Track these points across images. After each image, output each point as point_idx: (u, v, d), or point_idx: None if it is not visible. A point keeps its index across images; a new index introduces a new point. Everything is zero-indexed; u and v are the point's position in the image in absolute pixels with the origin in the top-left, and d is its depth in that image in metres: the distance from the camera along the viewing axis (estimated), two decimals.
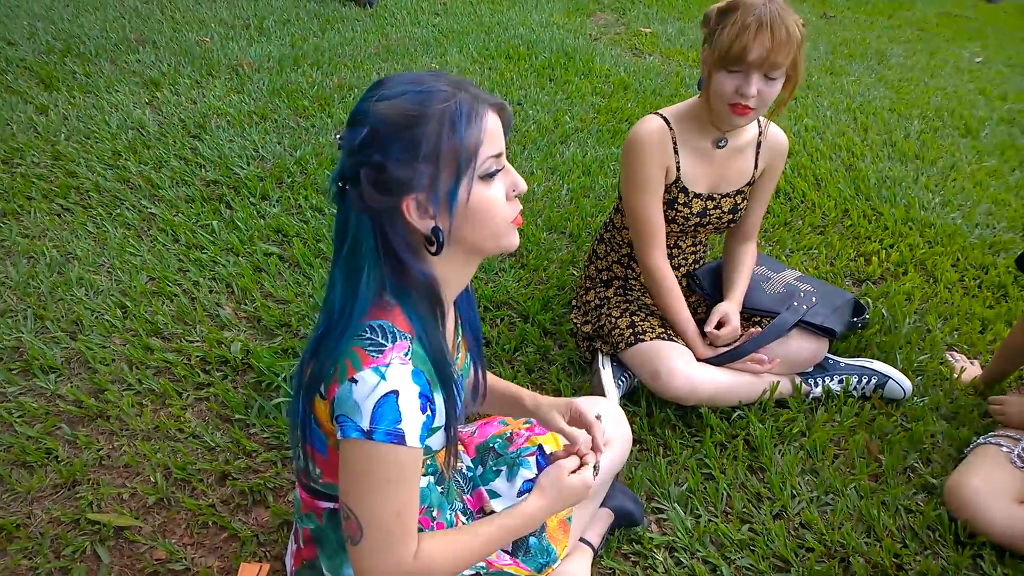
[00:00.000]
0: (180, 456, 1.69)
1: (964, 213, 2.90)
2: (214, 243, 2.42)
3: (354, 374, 0.90)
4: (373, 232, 0.93)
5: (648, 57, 4.56)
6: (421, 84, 0.90)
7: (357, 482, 0.93)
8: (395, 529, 0.95)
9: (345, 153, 0.91)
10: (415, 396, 0.91)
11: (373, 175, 0.89)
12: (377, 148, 0.88)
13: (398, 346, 0.92)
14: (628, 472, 1.71)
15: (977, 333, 2.25)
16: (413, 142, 0.88)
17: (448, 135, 0.89)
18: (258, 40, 4.16)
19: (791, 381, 1.91)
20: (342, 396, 0.91)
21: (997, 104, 4.29)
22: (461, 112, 0.89)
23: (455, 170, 0.90)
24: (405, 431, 0.90)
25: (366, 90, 0.93)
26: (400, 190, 0.90)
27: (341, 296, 0.96)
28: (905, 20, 6.36)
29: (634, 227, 1.83)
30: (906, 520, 1.64)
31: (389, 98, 0.89)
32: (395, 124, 0.88)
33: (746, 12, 1.54)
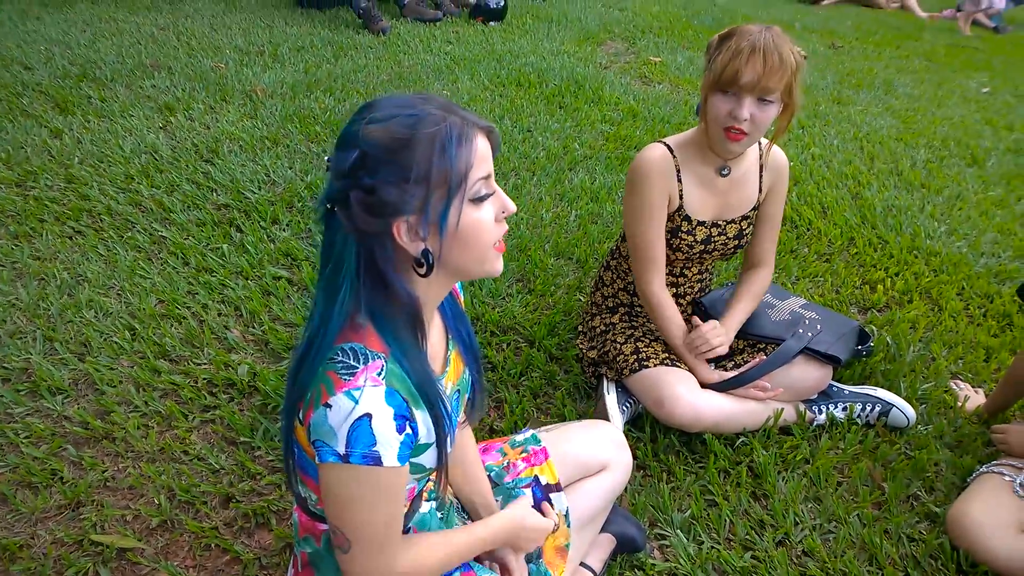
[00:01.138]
0: (184, 478, 1.70)
1: (970, 242, 2.90)
2: (224, 266, 2.45)
3: (328, 399, 0.90)
4: (357, 253, 0.93)
5: (657, 86, 4.62)
6: (411, 108, 0.91)
7: (341, 505, 0.94)
8: (382, 539, 0.97)
9: (334, 175, 0.92)
10: (390, 418, 0.91)
11: (364, 198, 0.89)
12: (368, 171, 0.89)
13: (370, 367, 0.92)
14: (631, 498, 1.71)
15: (982, 362, 2.24)
16: (404, 165, 0.89)
17: (439, 158, 0.89)
18: (272, 67, 4.24)
19: (795, 408, 1.90)
20: (317, 421, 0.91)
21: (1004, 134, 4.31)
22: (451, 136, 0.90)
23: (446, 192, 0.91)
24: (381, 453, 0.90)
25: (354, 113, 0.94)
26: (391, 213, 0.90)
27: (319, 316, 0.96)
28: (913, 50, 6.41)
29: (634, 254, 1.85)
30: (908, 549, 1.62)
31: (379, 121, 0.90)
32: (385, 148, 0.89)
33: (741, 38, 1.58)
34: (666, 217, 1.81)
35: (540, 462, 1.39)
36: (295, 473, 1.07)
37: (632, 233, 1.82)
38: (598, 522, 1.48)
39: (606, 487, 1.45)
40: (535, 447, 1.41)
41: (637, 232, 1.81)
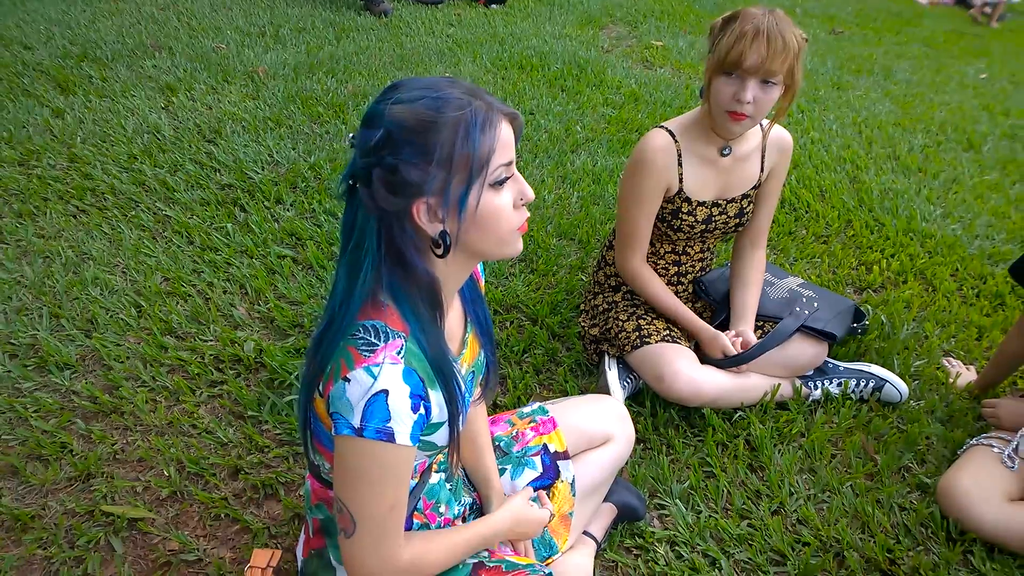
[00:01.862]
0: (193, 451, 1.74)
1: (964, 225, 2.94)
2: (228, 245, 2.47)
3: (347, 373, 0.92)
4: (379, 231, 0.95)
5: (659, 70, 4.62)
6: (438, 90, 0.92)
7: (350, 478, 0.96)
8: (387, 523, 0.99)
9: (358, 153, 0.93)
10: (405, 396, 0.93)
11: (385, 176, 0.91)
12: (391, 150, 0.90)
13: (391, 345, 0.94)
14: (632, 469, 1.75)
15: (974, 340, 2.29)
16: (427, 147, 0.90)
17: (462, 142, 0.91)
18: (274, 47, 4.24)
19: (792, 384, 1.94)
20: (336, 394, 0.93)
21: (1000, 119, 4.33)
22: (476, 120, 0.91)
23: (467, 176, 0.92)
24: (395, 429, 0.92)
25: (381, 92, 0.95)
26: (411, 192, 0.92)
27: (342, 292, 0.98)
28: (912, 37, 6.41)
29: (620, 233, 1.89)
30: (900, 517, 1.67)
31: (405, 102, 0.91)
32: (410, 128, 0.90)
33: (745, 21, 1.60)
34: (658, 205, 1.84)
35: (549, 431, 1.42)
36: (311, 441, 1.10)
37: (623, 215, 1.86)
38: (601, 492, 1.52)
39: (610, 458, 1.49)
40: (543, 417, 1.44)
41: (628, 215, 1.85)
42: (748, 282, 1.95)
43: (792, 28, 1.60)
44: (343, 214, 0.99)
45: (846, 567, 1.55)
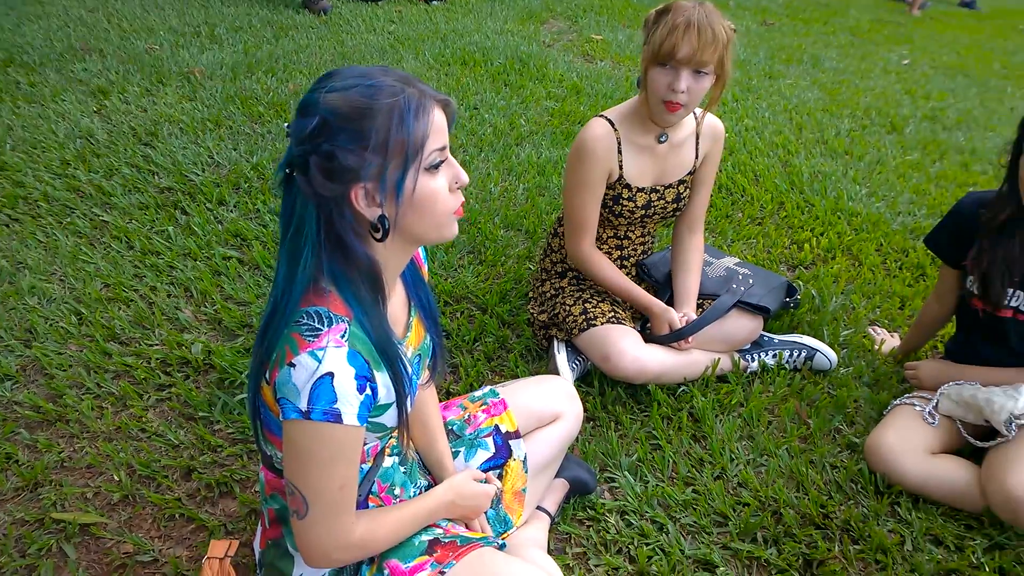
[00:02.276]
0: (144, 454, 1.72)
1: (888, 203, 3.09)
2: (170, 249, 2.44)
3: (292, 358, 0.95)
4: (318, 217, 0.97)
5: (599, 63, 4.71)
6: (371, 78, 0.95)
7: (300, 460, 0.99)
8: (339, 502, 1.02)
9: (294, 141, 0.95)
10: (351, 378, 0.95)
11: (322, 163, 0.93)
12: (327, 138, 0.93)
13: (334, 329, 0.97)
14: (583, 446, 1.81)
15: (897, 309, 2.42)
16: (363, 133, 0.93)
17: (397, 128, 0.94)
18: (210, 47, 4.18)
19: (731, 358, 2.04)
20: (282, 380, 0.95)
21: (921, 103, 4.56)
22: (409, 106, 0.94)
23: (403, 161, 0.95)
24: (341, 411, 0.95)
25: (315, 81, 0.98)
26: (349, 178, 0.94)
27: (283, 280, 1.00)
28: (839, 26, 6.66)
29: (569, 222, 1.94)
30: (831, 475, 1.77)
31: (339, 90, 0.94)
32: (345, 115, 0.92)
33: (677, 14, 1.67)
34: (603, 190, 1.90)
35: (499, 412, 1.47)
36: (262, 432, 1.12)
37: (569, 203, 1.92)
38: (552, 468, 1.58)
39: (559, 435, 1.54)
40: (494, 399, 1.49)
41: (575, 204, 1.90)
42: (689, 267, 2.03)
43: (721, 20, 1.68)
44: (281, 203, 1.00)
45: (783, 523, 1.64)
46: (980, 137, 4.00)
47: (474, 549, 1.17)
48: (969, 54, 6.12)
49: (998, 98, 4.87)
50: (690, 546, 1.58)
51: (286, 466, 1.01)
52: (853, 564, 1.57)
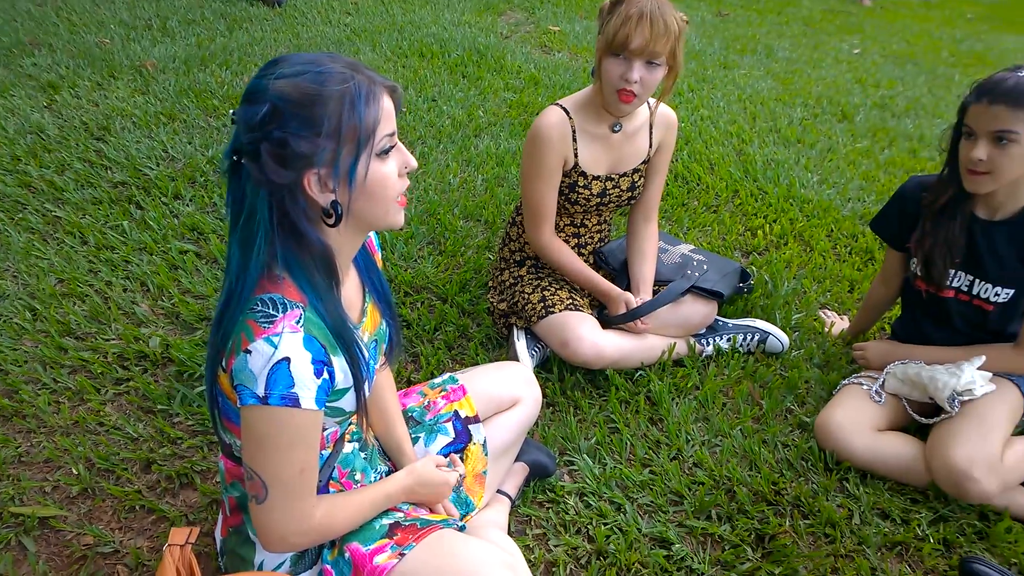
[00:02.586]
0: (102, 448, 1.71)
1: (838, 190, 3.18)
2: (125, 243, 2.41)
3: (247, 345, 0.96)
4: (270, 204, 0.97)
5: (557, 54, 4.74)
6: (320, 65, 0.96)
7: (259, 445, 1.00)
8: (298, 486, 1.03)
9: (243, 128, 0.95)
10: (307, 362, 0.97)
11: (274, 150, 0.94)
12: (278, 124, 0.93)
13: (289, 315, 0.98)
14: (542, 431, 1.84)
15: (846, 293, 2.50)
16: (315, 119, 0.94)
17: (348, 114, 0.95)
18: (162, 40, 4.10)
19: (686, 342, 2.09)
20: (238, 367, 0.96)
21: (871, 91, 4.68)
22: (360, 92, 0.96)
23: (355, 147, 0.97)
24: (299, 395, 0.96)
25: (261, 68, 0.98)
26: (301, 165, 0.95)
27: (237, 267, 1.00)
28: (792, 16, 6.79)
29: (527, 209, 1.97)
30: (783, 454, 1.84)
31: (288, 76, 0.94)
32: (296, 102, 0.93)
33: (630, 5, 1.70)
34: (560, 177, 1.93)
35: (459, 398, 1.49)
36: (220, 420, 1.13)
37: (527, 191, 1.94)
38: (512, 452, 1.61)
39: (518, 420, 1.57)
40: (453, 386, 1.51)
41: (532, 191, 1.93)
42: (644, 255, 2.07)
43: (673, 11, 1.72)
44: (228, 190, 1.00)
45: (736, 501, 1.70)
46: (928, 124, 4.13)
47: (434, 531, 1.19)
48: (918, 43, 6.29)
49: (946, 86, 5.02)
50: (647, 525, 1.63)
51: (245, 451, 1.02)
52: (803, 538, 1.63)
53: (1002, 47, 6.50)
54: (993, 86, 1.57)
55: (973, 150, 1.60)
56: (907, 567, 1.60)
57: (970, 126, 1.61)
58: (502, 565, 1.14)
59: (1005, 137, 1.56)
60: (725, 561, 1.56)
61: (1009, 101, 1.54)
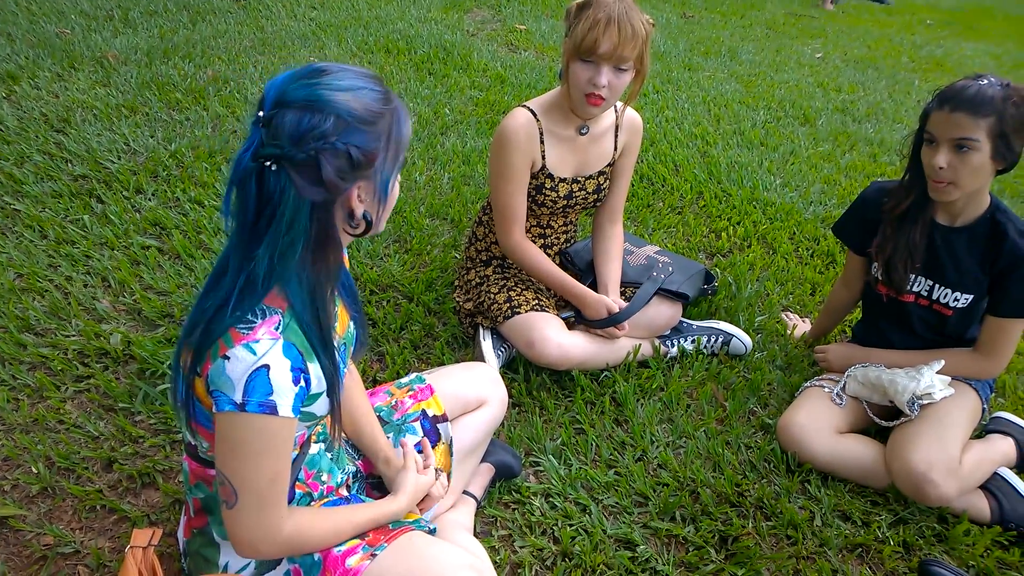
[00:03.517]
0: (63, 446, 1.68)
1: (800, 192, 3.25)
2: (86, 238, 2.36)
3: (226, 351, 0.96)
4: (311, 213, 0.97)
5: (523, 53, 4.75)
6: (371, 80, 1.01)
7: (232, 451, 1.00)
8: (268, 494, 1.03)
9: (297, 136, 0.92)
10: (286, 370, 0.97)
11: (336, 161, 0.95)
12: (341, 136, 0.95)
13: (268, 321, 0.98)
14: (508, 432, 1.86)
15: (808, 295, 2.56)
16: (375, 135, 0.98)
17: (397, 131, 1.02)
18: (123, 32, 4.02)
19: (651, 344, 2.12)
20: (215, 372, 0.96)
21: (833, 95, 4.78)
22: (402, 112, 1.04)
23: (394, 163, 1.04)
24: (277, 402, 0.97)
25: (303, 74, 0.96)
26: (355, 177, 0.99)
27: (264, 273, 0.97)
28: (756, 20, 6.89)
29: (497, 211, 1.98)
30: (746, 455, 1.87)
31: (348, 90, 0.96)
32: (360, 117, 0.96)
33: (598, 9, 1.71)
34: (528, 179, 1.94)
35: (426, 397, 1.49)
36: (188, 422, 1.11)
37: (496, 193, 1.95)
38: (478, 453, 1.62)
39: (485, 420, 1.58)
40: (420, 385, 1.51)
41: (501, 192, 1.94)
42: (610, 256, 2.09)
43: (640, 15, 1.73)
44: (243, 195, 0.96)
45: (700, 502, 1.73)
46: (888, 129, 4.23)
47: (404, 532, 1.20)
48: (879, 47, 6.44)
49: (905, 91, 5.14)
50: (612, 526, 1.65)
51: (218, 456, 1.02)
52: (766, 539, 1.67)
53: (961, 53, 6.67)
54: (955, 94, 1.60)
55: (934, 157, 1.64)
56: (868, 569, 1.64)
57: (932, 133, 1.65)
58: (467, 568, 1.15)
59: (965, 144, 1.59)
60: (689, 563, 1.59)
61: (970, 109, 1.57)
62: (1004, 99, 1.57)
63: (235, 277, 0.99)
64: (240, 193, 0.97)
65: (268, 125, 0.93)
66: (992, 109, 1.57)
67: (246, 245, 0.98)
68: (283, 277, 0.99)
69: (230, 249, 1.01)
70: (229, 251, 1.01)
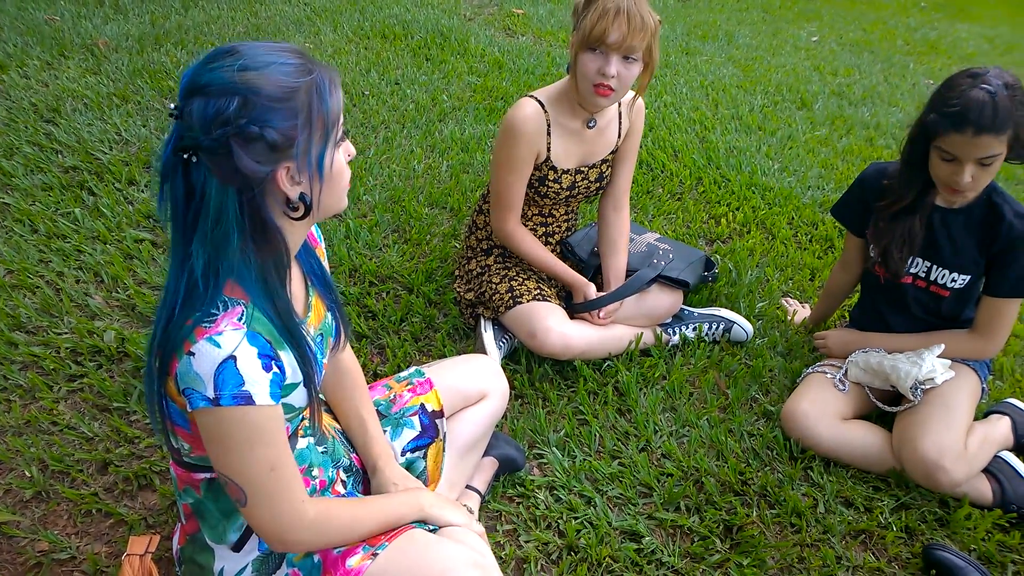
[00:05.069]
0: (56, 448, 1.65)
1: (799, 177, 3.22)
2: (77, 232, 2.33)
3: (190, 347, 0.93)
4: (239, 201, 0.94)
5: (521, 38, 4.69)
6: (282, 55, 0.94)
7: (222, 448, 0.97)
8: (274, 485, 1.00)
9: (200, 123, 0.90)
10: (254, 357, 0.94)
11: (247, 145, 0.91)
12: (252, 118, 0.90)
13: (230, 312, 0.95)
14: (511, 424, 1.84)
15: (808, 280, 2.55)
16: (289, 111, 0.92)
17: (318, 105, 0.95)
18: (114, 18, 3.95)
19: (653, 332, 2.10)
20: (183, 370, 0.94)
21: (829, 79, 4.74)
22: (324, 83, 0.96)
23: (323, 137, 0.97)
24: (251, 391, 0.94)
25: (211, 59, 0.93)
26: (275, 159, 0.93)
27: (203, 267, 0.95)
28: (752, 3, 6.82)
29: (495, 198, 1.96)
30: (749, 443, 1.86)
31: (255, 68, 0.91)
32: (268, 94, 0.91)
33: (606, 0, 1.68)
34: (531, 170, 1.92)
35: (425, 391, 1.47)
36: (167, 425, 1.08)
37: (497, 181, 1.93)
38: (480, 447, 1.59)
39: (486, 413, 1.55)
40: (419, 379, 1.49)
41: (502, 182, 1.91)
42: (617, 248, 2.07)
43: (649, 8, 1.72)
44: (168, 189, 0.94)
45: (705, 492, 1.72)
46: (884, 112, 4.20)
47: (405, 531, 1.17)
48: (874, 30, 6.39)
49: (901, 74, 5.11)
50: (617, 518, 1.64)
51: (211, 457, 1.00)
52: (770, 527, 1.66)
53: (955, 35, 6.64)
54: (976, 116, 1.54)
55: (959, 175, 1.62)
56: (871, 555, 1.64)
57: (951, 152, 1.61)
58: (472, 565, 1.13)
59: (991, 160, 1.59)
60: (695, 553, 1.58)
61: (994, 130, 1.55)
62: (1016, 105, 1.56)
63: (178, 275, 0.97)
64: (170, 190, 0.95)
65: (181, 116, 0.92)
66: (1011, 121, 1.55)
67: (183, 242, 0.96)
68: (231, 270, 0.96)
69: (172, 247, 0.99)
70: (171, 249, 0.99)
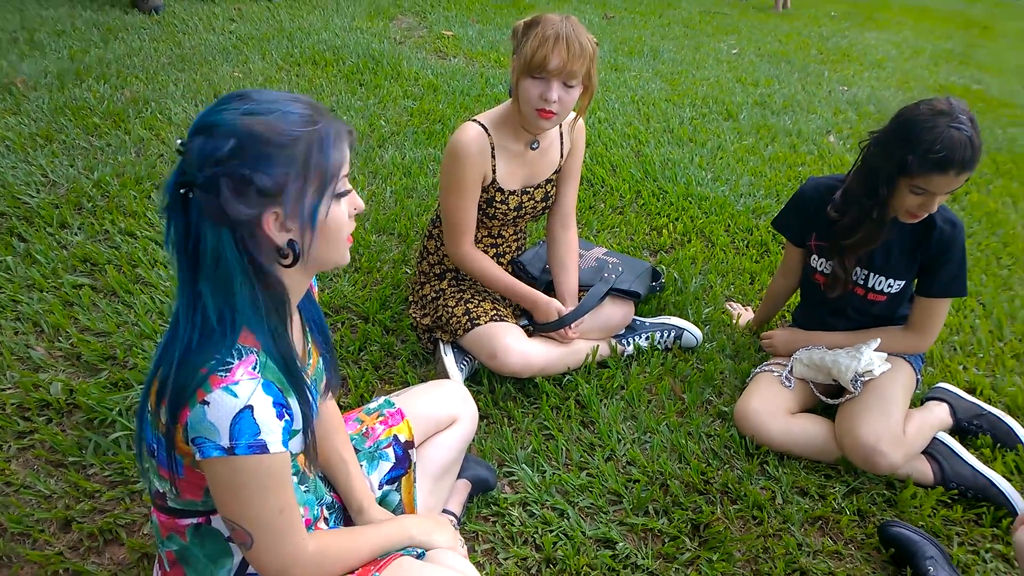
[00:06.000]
0: (13, 510, 1.58)
1: (731, 186, 3.37)
2: (11, 281, 2.23)
3: (204, 396, 0.93)
4: (235, 242, 0.95)
5: (452, 59, 4.74)
6: (289, 104, 0.96)
7: (232, 496, 0.98)
8: (282, 525, 1.02)
9: (198, 161, 0.92)
10: (270, 406, 0.96)
11: (235, 186, 0.92)
12: (244, 161, 0.92)
13: (245, 361, 0.96)
14: (479, 445, 1.86)
15: (748, 284, 2.67)
16: (284, 159, 0.94)
17: (317, 156, 0.96)
18: (31, 55, 3.81)
19: (608, 344, 2.16)
20: (195, 419, 0.93)
21: (751, 89, 4.96)
22: (328, 136, 0.98)
23: (319, 189, 0.98)
24: (266, 440, 0.95)
25: (222, 101, 0.95)
26: (263, 203, 0.94)
27: (216, 310, 0.96)
28: (673, 18, 7.09)
29: (447, 224, 1.99)
30: (708, 444, 1.94)
31: (257, 114, 0.93)
32: (265, 140, 0.92)
33: (546, 26, 1.75)
34: (479, 192, 1.95)
35: (397, 422, 1.48)
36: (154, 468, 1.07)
37: (447, 206, 1.96)
38: (454, 471, 1.62)
39: (458, 437, 1.58)
40: (390, 410, 1.50)
41: (452, 206, 1.94)
42: (567, 266, 2.12)
43: (586, 33, 1.78)
44: (171, 226, 0.95)
45: (671, 494, 1.78)
46: (804, 120, 4.41)
47: (394, 559, 1.19)
48: (789, 41, 6.72)
49: (817, 82, 5.39)
50: (590, 527, 1.68)
51: (218, 503, 1.00)
52: (734, 522, 1.74)
53: (865, 43, 7.05)
54: (956, 158, 1.60)
55: (928, 206, 1.70)
56: (829, 540, 1.74)
57: (927, 189, 1.67)
58: None
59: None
60: (667, 554, 1.64)
61: (972, 166, 1.65)
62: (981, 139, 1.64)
63: (189, 315, 0.97)
64: (174, 224, 0.96)
65: (185, 152, 0.94)
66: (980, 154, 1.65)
67: (190, 280, 0.97)
68: (245, 317, 0.97)
69: (179, 286, 0.99)
70: (179, 288, 0.99)
